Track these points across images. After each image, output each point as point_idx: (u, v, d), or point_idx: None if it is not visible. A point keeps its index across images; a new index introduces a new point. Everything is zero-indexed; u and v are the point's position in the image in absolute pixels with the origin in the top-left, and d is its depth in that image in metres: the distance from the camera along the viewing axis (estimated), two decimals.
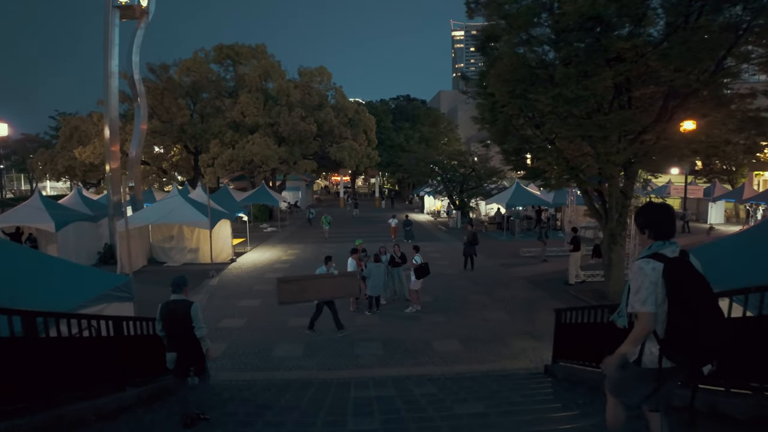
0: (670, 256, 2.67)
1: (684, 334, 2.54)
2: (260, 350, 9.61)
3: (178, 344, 4.98)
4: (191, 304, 5.00)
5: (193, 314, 4.94)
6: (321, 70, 35.60)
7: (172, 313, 4.96)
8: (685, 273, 2.61)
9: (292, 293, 9.90)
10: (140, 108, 22.60)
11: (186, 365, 5.06)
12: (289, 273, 17.13)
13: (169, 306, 5.00)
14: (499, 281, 15.53)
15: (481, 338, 10.15)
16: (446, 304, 12.66)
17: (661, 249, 2.72)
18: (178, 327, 4.95)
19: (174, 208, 17.72)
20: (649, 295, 2.63)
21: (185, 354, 5.00)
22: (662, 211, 2.84)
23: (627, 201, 13.43)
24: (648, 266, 2.67)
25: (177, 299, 5.04)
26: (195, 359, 5.09)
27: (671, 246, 2.72)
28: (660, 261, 2.65)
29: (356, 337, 10.20)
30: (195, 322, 4.94)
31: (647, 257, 2.72)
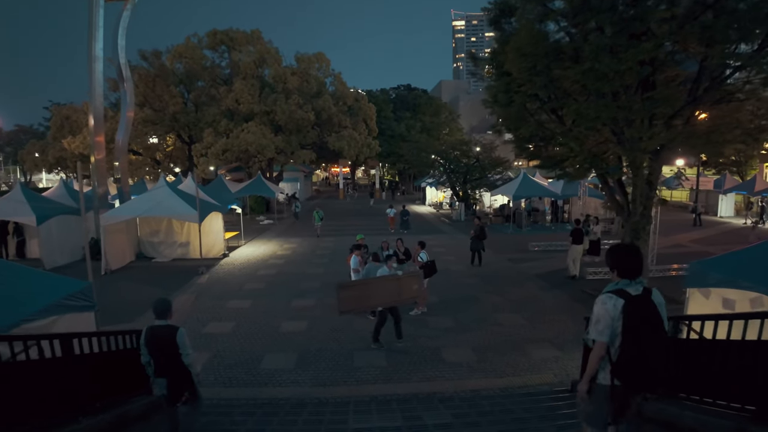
0: (633, 294, 3.07)
1: (631, 361, 2.99)
2: (248, 361, 8.51)
3: (168, 371, 4.68)
4: (177, 330, 4.65)
5: (179, 341, 4.60)
6: (319, 57, 34.20)
7: (158, 340, 4.63)
8: (640, 311, 3.02)
9: (354, 301, 8.62)
10: (127, 94, 21.36)
11: (179, 391, 4.74)
12: (284, 269, 16.05)
13: (154, 332, 4.67)
14: (510, 278, 14.43)
15: (496, 346, 9.05)
16: (455, 306, 11.56)
17: (625, 287, 3.11)
18: (164, 354, 4.64)
19: (161, 200, 16.55)
20: (605, 327, 3.08)
21: (176, 380, 4.70)
22: (628, 253, 3.23)
23: (652, 192, 12.34)
24: (610, 302, 3.09)
25: (161, 325, 4.68)
26: (187, 384, 4.77)
27: (635, 285, 3.11)
28: (622, 297, 3.06)
29: (355, 345, 9.10)
30: (182, 350, 4.62)
31: (611, 293, 3.13)
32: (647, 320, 3.03)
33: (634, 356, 2.98)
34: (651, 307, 3.07)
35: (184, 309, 11.66)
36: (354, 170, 74.70)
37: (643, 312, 3.04)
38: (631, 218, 12.35)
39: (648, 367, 2.98)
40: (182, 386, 4.74)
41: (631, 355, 2.99)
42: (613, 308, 3.07)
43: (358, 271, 10.56)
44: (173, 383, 4.70)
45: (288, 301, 12.05)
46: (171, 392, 4.71)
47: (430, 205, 40.81)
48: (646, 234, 12.57)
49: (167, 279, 14.80)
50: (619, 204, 12.81)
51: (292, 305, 11.75)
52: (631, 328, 3.00)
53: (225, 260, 17.64)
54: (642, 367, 2.98)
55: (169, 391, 4.70)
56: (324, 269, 15.97)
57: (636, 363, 2.99)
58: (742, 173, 35.46)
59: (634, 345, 2.98)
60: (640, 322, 3.00)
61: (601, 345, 3.13)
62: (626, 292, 3.09)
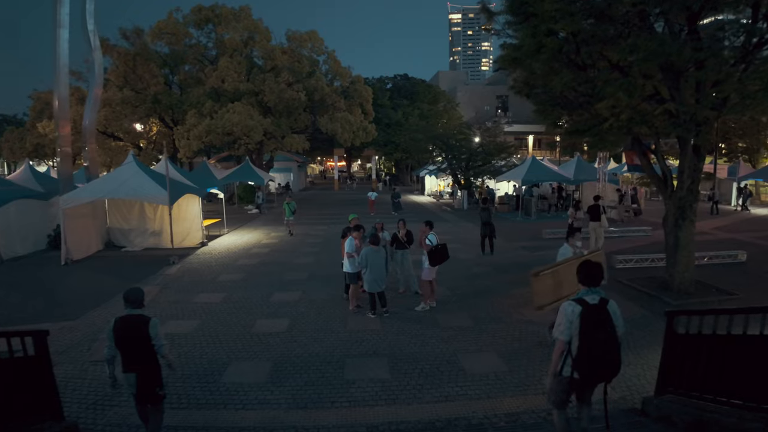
0: (590, 302, 3.76)
1: (583, 357, 3.68)
2: (206, 372, 6.46)
3: (137, 363, 4.25)
4: (149, 320, 4.32)
5: (151, 332, 4.26)
6: (312, 35, 31.86)
7: (129, 331, 4.26)
8: (593, 316, 3.69)
9: (551, 291, 7.27)
10: (95, 66, 19.08)
11: (150, 387, 4.33)
12: (268, 259, 13.99)
13: (125, 322, 4.29)
14: (528, 267, 12.34)
15: (528, 350, 7.05)
16: (469, 299, 9.56)
17: (584, 296, 3.83)
18: (135, 346, 4.26)
19: (126, 179, 14.41)
20: (565, 328, 3.77)
21: (147, 375, 4.30)
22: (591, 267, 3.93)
23: (700, 163, 10.40)
24: (569, 308, 3.78)
25: (132, 314, 4.33)
26: (157, 379, 4.37)
27: (593, 294, 3.83)
28: (580, 305, 3.75)
29: (348, 351, 7.07)
30: (155, 340, 4.28)
31: (574, 300, 3.83)
32: (599, 324, 3.68)
33: (587, 353, 3.66)
34: (604, 314, 3.73)
35: None
36: (350, 163, 72.72)
37: (596, 317, 3.70)
38: (676, 193, 10.45)
39: (599, 363, 3.68)
40: (153, 382, 4.33)
41: (585, 353, 3.67)
42: (572, 313, 3.75)
43: (354, 256, 8.53)
44: (144, 379, 4.28)
45: (267, 295, 10.01)
46: (141, 389, 4.30)
47: (429, 194, 38.90)
48: (693, 213, 10.63)
49: (132, 270, 12.76)
50: (660, 178, 10.89)
51: (271, 299, 9.71)
52: (585, 330, 3.67)
53: (202, 249, 15.57)
54: (594, 362, 3.67)
55: (139, 387, 4.30)
56: (314, 258, 13.94)
57: (589, 359, 3.67)
58: (754, 161, 34.08)
59: (587, 344, 3.66)
60: (593, 326, 3.66)
61: (562, 343, 3.82)
62: (584, 300, 3.78)
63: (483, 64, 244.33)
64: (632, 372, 6.37)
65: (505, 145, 28.98)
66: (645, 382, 6.07)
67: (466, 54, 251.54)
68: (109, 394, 5.77)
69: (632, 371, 6.38)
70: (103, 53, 31.40)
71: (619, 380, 6.09)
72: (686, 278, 10.31)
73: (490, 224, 13.98)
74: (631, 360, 6.71)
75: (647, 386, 5.82)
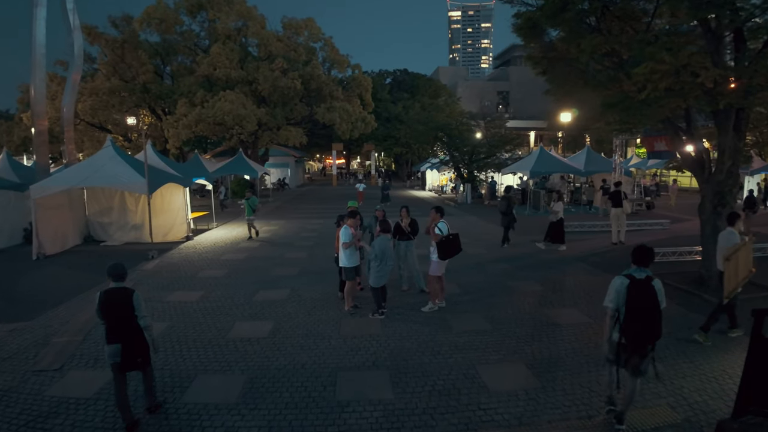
0: (637, 277, 4.22)
1: (628, 324, 4.17)
2: (167, 388, 5.18)
3: (121, 335, 4.40)
4: (132, 293, 4.51)
5: (135, 303, 4.45)
6: (309, 23, 30.44)
7: (112, 303, 4.41)
8: (638, 290, 4.16)
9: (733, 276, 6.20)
10: (74, 48, 17.76)
11: (132, 357, 4.41)
12: (256, 253, 12.72)
13: (108, 295, 4.44)
14: (544, 262, 11.19)
15: (562, 360, 5.78)
16: (483, 298, 8.29)
17: (633, 272, 4.29)
18: (119, 317, 4.42)
19: (101, 166, 13.09)
20: (613, 298, 4.26)
21: (129, 345, 4.40)
22: (641, 249, 4.35)
23: (740, 142, 9.20)
24: (618, 281, 4.27)
25: (117, 287, 4.51)
26: (140, 350, 4.48)
27: (641, 271, 4.26)
28: (628, 279, 4.23)
29: (342, 361, 5.78)
30: (138, 311, 4.46)
31: (623, 275, 4.30)
32: (643, 296, 4.14)
33: (631, 321, 4.16)
34: (648, 288, 4.16)
35: None
36: (349, 160, 71.43)
37: (641, 290, 4.16)
38: (714, 177, 9.24)
39: (642, 329, 4.13)
40: (135, 352, 4.44)
41: (629, 320, 4.16)
42: (620, 285, 4.24)
43: (350, 245, 7.25)
44: (127, 349, 4.40)
45: (251, 293, 8.72)
46: (124, 358, 4.40)
47: (430, 189, 37.64)
48: (733, 198, 9.42)
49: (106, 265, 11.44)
50: (696, 160, 9.67)
51: (255, 298, 8.42)
52: (630, 301, 4.16)
53: (186, 244, 14.26)
54: (637, 329, 4.14)
55: (123, 357, 4.39)
56: (307, 253, 12.65)
57: (633, 326, 4.15)
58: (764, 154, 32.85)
59: (631, 313, 4.16)
60: (637, 298, 4.15)
61: (610, 311, 4.31)
62: (632, 275, 4.25)
63: (482, 61, 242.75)
64: (691, 386, 5.15)
65: (510, 136, 27.65)
66: (708, 398, 4.90)
67: (466, 51, 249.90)
68: (45, 413, 4.69)
69: (691, 385, 5.17)
70: (91, 42, 30.15)
71: (677, 397, 4.89)
72: None
73: (510, 214, 13.08)
74: (686, 371, 5.49)
75: (711, 403, 4.77)
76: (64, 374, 5.68)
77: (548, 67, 10.56)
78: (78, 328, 7.30)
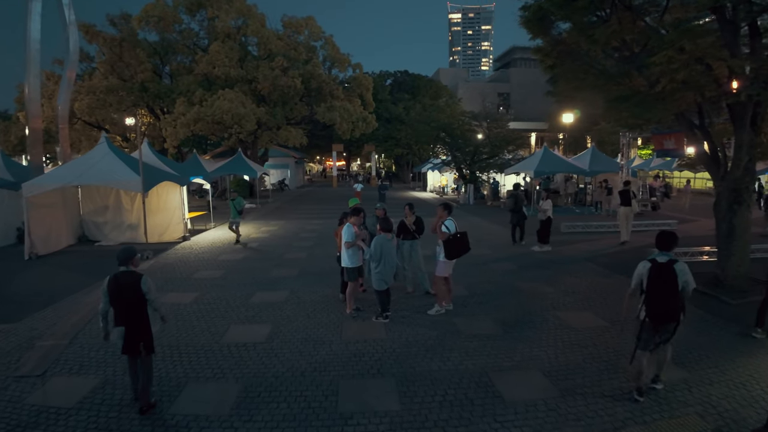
0: (659, 261, 4.56)
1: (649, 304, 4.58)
2: (154, 397, 4.79)
3: (126, 318, 4.49)
4: (140, 277, 4.53)
5: (144, 287, 4.50)
6: (309, 21, 30.05)
7: (120, 287, 4.46)
8: (659, 273, 4.53)
9: None
10: (70, 43, 17.38)
11: (135, 340, 4.48)
12: (254, 254, 12.39)
13: (117, 279, 4.49)
14: (552, 263, 10.80)
15: (580, 366, 5.39)
16: (492, 300, 7.90)
17: (656, 256, 4.63)
18: (126, 301, 4.48)
19: (95, 163, 12.70)
20: (634, 279, 4.75)
21: (134, 328, 4.49)
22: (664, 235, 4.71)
23: (757, 137, 8.84)
24: (641, 265, 4.69)
25: (125, 271, 4.53)
26: (143, 335, 4.53)
27: (664, 256, 4.59)
28: (650, 263, 4.60)
29: (344, 368, 5.37)
30: (148, 295, 4.53)
31: (647, 260, 4.68)
32: (662, 279, 4.50)
33: (651, 301, 4.56)
34: (669, 272, 4.48)
35: (93, 305, 7.95)
36: (349, 161, 71.07)
37: (661, 273, 4.52)
38: (730, 174, 8.89)
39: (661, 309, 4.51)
40: (138, 336, 4.51)
41: (650, 300, 4.57)
42: (642, 268, 4.67)
43: (353, 245, 6.87)
44: (130, 332, 4.48)
45: (248, 295, 8.33)
46: (127, 341, 4.49)
47: (431, 190, 37.29)
48: (750, 196, 9.04)
49: (99, 266, 11.06)
50: (710, 157, 9.32)
51: (252, 300, 8.02)
52: (650, 283, 4.57)
53: (183, 244, 13.86)
54: (657, 308, 4.53)
55: (126, 340, 4.49)
56: (307, 253, 12.26)
57: (653, 305, 4.54)
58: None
59: (651, 294, 4.57)
60: (657, 280, 4.53)
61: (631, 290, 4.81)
62: (655, 260, 4.60)
63: (483, 63, 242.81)
64: (718, 392, 4.81)
65: (513, 136, 27.26)
66: (737, 406, 4.56)
67: (466, 54, 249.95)
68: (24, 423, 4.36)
69: (718, 391, 4.83)
70: (89, 40, 29.80)
71: (705, 405, 4.51)
72: (741, 273, 8.76)
73: (518, 212, 12.95)
74: (712, 377, 5.16)
75: (742, 411, 4.45)
76: (47, 380, 5.30)
77: (557, 60, 10.20)
78: (65, 331, 6.91)
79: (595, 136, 33.59)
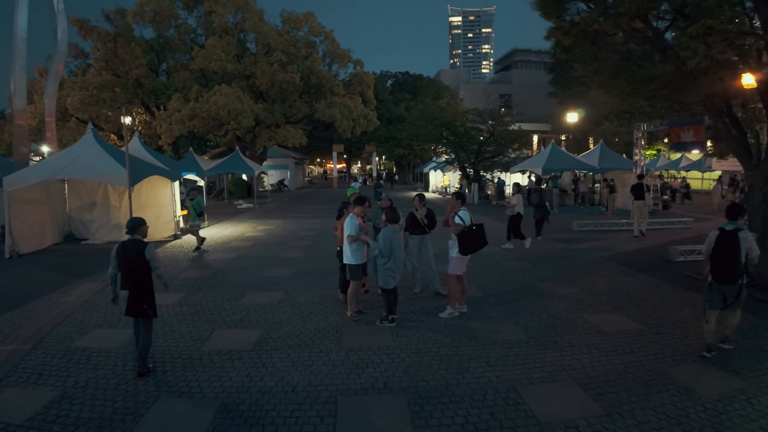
0: (727, 229, 5.02)
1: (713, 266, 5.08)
2: (116, 416, 3.96)
3: (131, 282, 4.78)
4: (146, 245, 4.84)
5: (147, 255, 4.81)
6: (309, 17, 29.33)
7: (127, 253, 4.78)
8: (724, 239, 5.00)
9: None
10: (58, 33, 16.62)
11: (139, 302, 4.78)
12: (249, 252, 11.61)
13: (125, 246, 4.83)
14: (571, 262, 9.98)
15: (619, 377, 4.57)
16: (509, 302, 7.07)
17: (725, 225, 5.09)
18: (130, 267, 4.78)
19: (78, 155, 11.90)
20: (706, 246, 5.18)
21: (137, 292, 4.79)
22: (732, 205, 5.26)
23: None
24: (711, 233, 5.16)
25: (132, 239, 4.87)
26: (146, 298, 4.85)
27: (731, 224, 5.04)
28: (719, 230, 5.08)
29: (344, 382, 4.53)
30: (152, 262, 4.85)
31: (717, 228, 5.13)
32: (727, 245, 4.98)
33: (715, 264, 5.06)
34: (733, 238, 4.95)
35: (66, 306, 7.14)
36: (350, 163, 70.33)
37: (726, 240, 4.99)
38: (764, 163, 8.16)
39: (724, 271, 4.99)
40: (142, 299, 4.78)
41: (714, 264, 5.07)
42: (712, 235, 5.13)
43: (357, 239, 6.05)
44: (134, 296, 4.74)
45: (237, 296, 7.50)
46: (131, 304, 4.74)
47: (434, 191, 36.53)
48: None
49: (81, 265, 10.28)
50: (741, 145, 8.62)
51: (242, 302, 7.19)
52: (717, 248, 5.06)
53: (173, 242, 13.06)
54: (720, 271, 5.02)
55: (129, 302, 4.73)
56: (305, 252, 11.45)
57: (717, 268, 5.04)
58: None
59: (716, 258, 5.06)
60: (722, 246, 5.02)
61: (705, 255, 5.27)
62: (723, 228, 5.08)
63: (483, 66, 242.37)
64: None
65: (519, 133, 26.47)
66: None
67: (467, 57, 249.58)
68: None
69: None
70: (84, 36, 29.05)
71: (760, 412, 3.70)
72: None
73: (543, 206, 12.61)
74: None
75: None
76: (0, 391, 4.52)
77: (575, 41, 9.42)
78: (30, 335, 6.11)
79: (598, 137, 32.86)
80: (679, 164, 31.61)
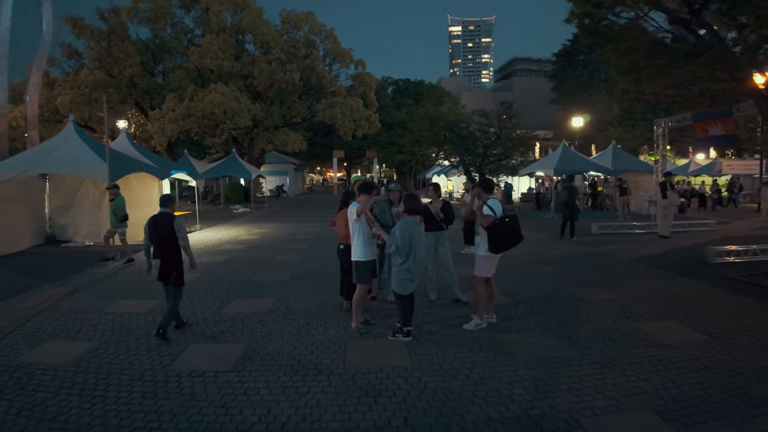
0: None
1: None
2: None
3: (161, 252, 5.16)
4: (174, 218, 5.18)
5: (175, 227, 5.12)
6: (309, 17, 28.47)
7: (157, 224, 5.15)
8: None
9: None
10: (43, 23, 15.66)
11: (168, 270, 5.14)
12: (240, 255, 10.55)
13: (155, 219, 5.20)
14: (601, 266, 8.95)
15: (702, 401, 3.51)
16: (545, 310, 5.98)
17: None
18: (161, 237, 5.14)
19: (54, 149, 10.86)
20: None
21: (167, 260, 5.15)
22: None
23: None
24: None
25: (163, 212, 5.24)
26: (174, 266, 5.19)
27: None
28: None
29: (351, 416, 3.43)
30: (178, 233, 5.14)
31: None
32: None
33: None
34: None
35: (26, 312, 6.06)
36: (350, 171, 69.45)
37: None
38: None
39: None
40: (171, 268, 5.15)
41: None
42: None
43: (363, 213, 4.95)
44: (164, 264, 5.13)
45: (221, 304, 6.41)
46: (162, 271, 5.14)
47: None
48: None
49: (56, 269, 9.21)
50: None
51: (226, 311, 6.09)
52: None
53: None
54: None
55: (161, 269, 5.13)
56: (302, 256, 10.37)
57: None
58: None
59: None
60: None
61: None
62: None
63: (483, 75, 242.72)
64: None
65: (528, 135, 25.50)
66: None
67: (466, 66, 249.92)
68: None
69: None
70: (77, 35, 28.16)
71: None
72: None
73: (572, 205, 12.04)
74: None
75: None
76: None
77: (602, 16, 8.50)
78: None
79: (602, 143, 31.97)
80: (687, 169, 30.53)
